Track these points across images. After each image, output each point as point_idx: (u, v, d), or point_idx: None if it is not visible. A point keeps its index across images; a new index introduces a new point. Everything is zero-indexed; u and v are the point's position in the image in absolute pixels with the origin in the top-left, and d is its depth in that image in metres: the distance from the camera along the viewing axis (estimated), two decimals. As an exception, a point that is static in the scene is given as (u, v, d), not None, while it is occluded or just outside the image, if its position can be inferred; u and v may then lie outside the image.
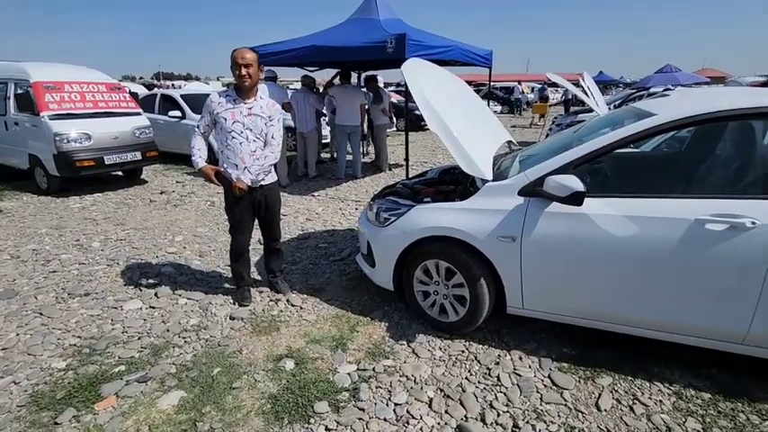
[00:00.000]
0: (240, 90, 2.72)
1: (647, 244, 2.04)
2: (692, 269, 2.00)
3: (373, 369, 2.36)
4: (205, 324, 2.82)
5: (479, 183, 2.52)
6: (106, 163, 6.07)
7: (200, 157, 2.78)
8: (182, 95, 8.48)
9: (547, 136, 8.61)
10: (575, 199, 2.01)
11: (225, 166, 2.78)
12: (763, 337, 1.96)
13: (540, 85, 22.41)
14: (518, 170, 2.59)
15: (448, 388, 2.21)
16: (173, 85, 17.00)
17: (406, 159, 5.83)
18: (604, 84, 30.53)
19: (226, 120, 2.69)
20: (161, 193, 6.30)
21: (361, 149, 7.34)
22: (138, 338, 2.67)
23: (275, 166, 2.96)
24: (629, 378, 2.25)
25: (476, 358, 2.44)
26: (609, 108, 7.47)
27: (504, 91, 23.29)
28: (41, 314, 2.94)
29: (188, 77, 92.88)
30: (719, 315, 2.01)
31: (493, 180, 2.44)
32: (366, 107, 7.02)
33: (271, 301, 3.11)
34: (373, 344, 2.60)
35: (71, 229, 4.69)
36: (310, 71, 7.63)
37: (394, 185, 3.42)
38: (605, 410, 2.04)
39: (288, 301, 3.10)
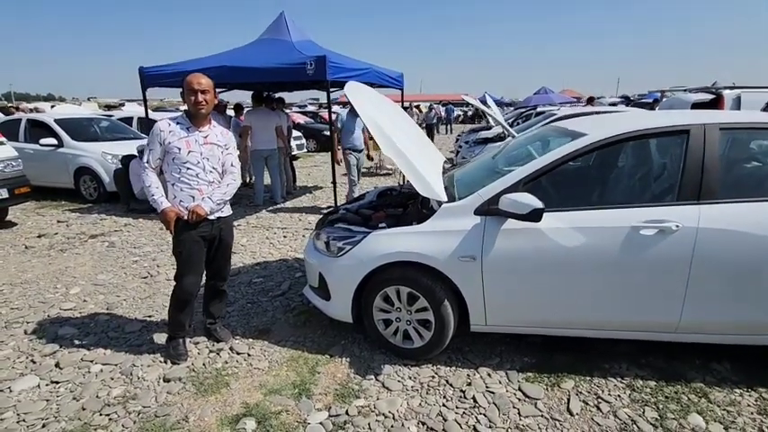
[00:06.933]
0: (194, 117, 2.47)
1: (594, 251, 2.22)
2: (633, 271, 2.22)
3: (346, 412, 2.19)
4: (132, 393, 2.36)
5: (434, 204, 2.53)
6: (-42, 205, 4.90)
7: (161, 195, 2.42)
8: (56, 120, 7.28)
9: (457, 153, 9.17)
10: (534, 216, 2.11)
11: (178, 199, 2.45)
12: (692, 325, 2.24)
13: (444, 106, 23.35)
14: (458, 190, 2.66)
15: (429, 419, 2.13)
16: (36, 108, 14.52)
17: (333, 182, 5.70)
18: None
19: (180, 149, 2.40)
20: (39, 236, 5.27)
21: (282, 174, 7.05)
22: (43, 426, 2.12)
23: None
24: (588, 378, 2.40)
25: (447, 382, 2.41)
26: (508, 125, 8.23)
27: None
28: None
29: (49, 98, 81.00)
30: (657, 309, 2.26)
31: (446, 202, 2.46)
32: (283, 129, 6.75)
33: (211, 352, 2.73)
34: (339, 384, 2.42)
35: None
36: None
37: (336, 211, 3.29)
38: (577, 414, 2.14)
39: (231, 349, 2.75)
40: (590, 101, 11.49)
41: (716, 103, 8.99)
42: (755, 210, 2.14)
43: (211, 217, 2.52)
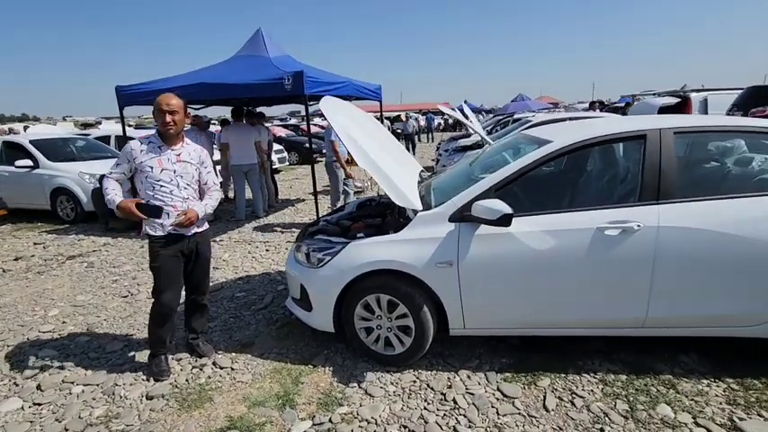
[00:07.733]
0: (165, 137, 2.51)
1: (562, 253, 2.33)
2: (600, 270, 2.33)
3: (330, 420, 2.22)
4: (115, 412, 2.35)
5: (410, 213, 2.61)
6: (-70, 230, 4.78)
7: (115, 195, 2.43)
8: (32, 141, 7.17)
9: (437, 161, 9.33)
10: (504, 221, 2.21)
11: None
12: (658, 320, 2.36)
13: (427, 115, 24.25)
14: (435, 198, 2.75)
15: (410, 422, 2.18)
16: (10, 130, 14.20)
17: (314, 194, 5.74)
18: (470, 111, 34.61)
19: (152, 168, 2.44)
20: (16, 259, 5.17)
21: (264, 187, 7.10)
22: (24, 450, 2.11)
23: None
24: (563, 375, 2.49)
25: (428, 386, 2.47)
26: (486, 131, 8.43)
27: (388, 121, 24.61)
28: None
29: (23, 118, 79.42)
30: (624, 306, 2.37)
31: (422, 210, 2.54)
32: (263, 144, 6.79)
33: (194, 368, 2.73)
34: (323, 393, 2.45)
35: None
36: (195, 109, 7.15)
37: (316, 223, 3.34)
38: (553, 410, 2.22)
39: (215, 363, 2.76)
40: (592, 105, 14.01)
41: (683, 106, 9.35)
42: (710, 207, 2.28)
43: (188, 233, 2.55)
